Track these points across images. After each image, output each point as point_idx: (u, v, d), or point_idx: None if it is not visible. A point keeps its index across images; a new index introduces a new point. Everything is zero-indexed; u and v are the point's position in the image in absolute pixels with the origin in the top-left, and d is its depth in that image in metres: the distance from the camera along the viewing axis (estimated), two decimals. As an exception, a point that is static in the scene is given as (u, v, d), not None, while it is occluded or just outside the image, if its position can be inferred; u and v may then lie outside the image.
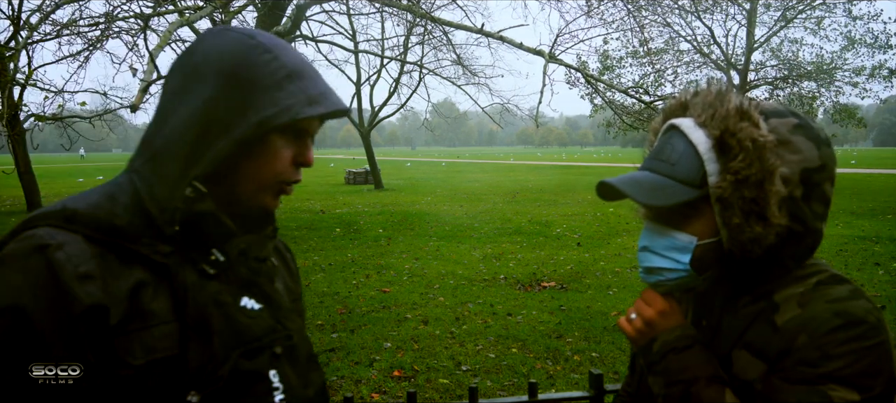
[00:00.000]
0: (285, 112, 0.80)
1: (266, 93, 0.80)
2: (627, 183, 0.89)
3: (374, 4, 9.40)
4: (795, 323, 0.83)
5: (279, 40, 0.86)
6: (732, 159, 0.83)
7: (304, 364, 0.93)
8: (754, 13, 18.56)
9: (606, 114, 18.22)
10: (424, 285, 6.43)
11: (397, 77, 19.30)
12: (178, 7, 5.95)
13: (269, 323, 0.87)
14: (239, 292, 0.85)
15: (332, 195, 18.04)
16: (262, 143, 0.82)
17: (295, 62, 0.84)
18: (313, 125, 0.87)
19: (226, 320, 0.81)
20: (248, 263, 0.87)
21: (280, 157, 0.84)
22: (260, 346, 0.84)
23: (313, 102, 0.83)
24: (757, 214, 0.83)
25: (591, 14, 8.84)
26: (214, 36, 0.84)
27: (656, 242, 0.92)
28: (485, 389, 3.71)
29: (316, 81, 0.85)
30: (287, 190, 0.88)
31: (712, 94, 0.89)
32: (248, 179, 0.84)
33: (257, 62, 0.81)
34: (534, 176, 27.09)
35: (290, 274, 1.05)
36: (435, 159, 54.50)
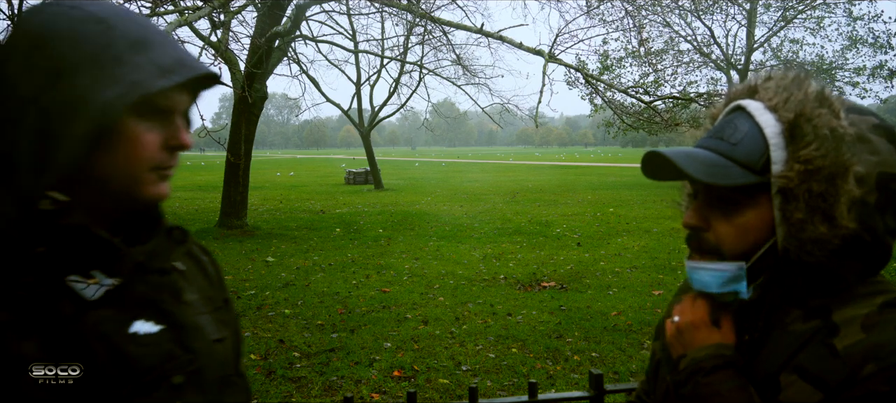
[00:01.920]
0: (133, 88, 0.67)
1: (105, 71, 0.67)
2: (682, 156, 0.78)
3: (374, 4, 9.40)
4: (860, 349, 0.72)
5: (113, 7, 0.73)
6: (804, 147, 0.74)
7: (215, 388, 0.81)
8: (754, 13, 18.58)
9: (606, 115, 18.22)
10: (424, 285, 6.43)
11: (397, 77, 19.31)
12: (177, 7, 5.95)
13: (167, 349, 0.74)
14: (131, 315, 0.72)
15: (332, 195, 18.04)
16: (119, 131, 0.69)
17: (137, 29, 0.70)
18: (177, 101, 0.74)
19: (111, 353, 0.68)
20: (146, 279, 0.75)
21: (143, 143, 0.71)
22: (155, 378, 0.72)
23: (167, 72, 0.69)
24: (823, 212, 0.74)
25: (591, 14, 8.84)
26: (31, 17, 0.70)
27: (708, 282, 0.82)
28: (485, 389, 3.71)
29: (166, 48, 0.72)
30: (167, 173, 0.75)
31: (789, 79, 0.80)
32: (116, 175, 0.71)
33: (89, 35, 0.68)
34: (534, 176, 27.09)
35: (210, 281, 0.91)
36: (434, 159, 54.51)
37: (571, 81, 11.37)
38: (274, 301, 5.76)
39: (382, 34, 21.99)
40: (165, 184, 0.76)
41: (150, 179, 0.73)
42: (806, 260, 0.76)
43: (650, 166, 0.83)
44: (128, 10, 0.75)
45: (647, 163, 0.83)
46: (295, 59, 13.06)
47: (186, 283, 0.84)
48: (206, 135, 7.52)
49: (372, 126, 20.52)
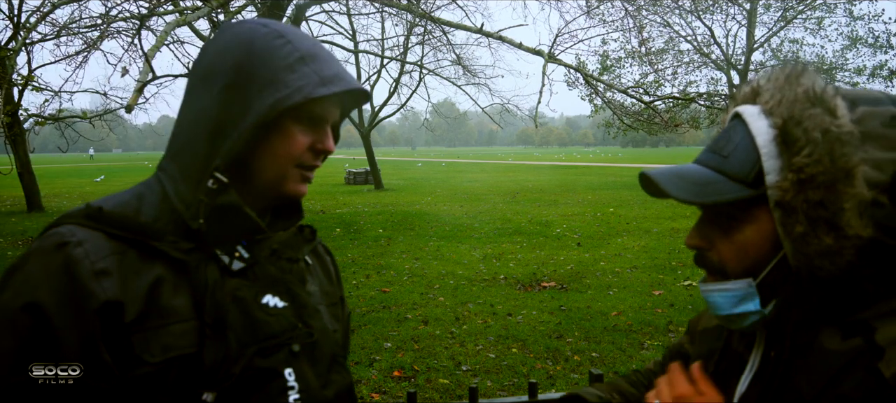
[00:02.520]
0: (297, 92, 0.80)
1: (278, 76, 0.80)
2: (668, 175, 0.74)
3: (374, 4, 9.40)
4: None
5: (292, 27, 0.87)
6: (796, 153, 0.68)
7: (325, 364, 0.90)
8: (754, 13, 18.58)
9: (606, 115, 18.24)
10: (424, 285, 6.43)
11: (397, 77, 19.31)
12: (177, 7, 5.95)
13: (290, 321, 0.85)
14: (262, 289, 0.84)
15: (332, 195, 18.05)
16: (278, 128, 0.82)
17: (308, 45, 0.84)
18: (330, 112, 0.87)
19: (242, 316, 0.80)
20: (278, 262, 0.87)
21: (296, 142, 0.84)
22: (277, 343, 0.82)
23: (326, 83, 0.82)
24: (826, 222, 0.67)
25: (591, 14, 8.84)
26: (229, 28, 0.85)
27: (721, 304, 0.77)
28: (485, 389, 3.71)
29: (329, 63, 0.84)
30: (309, 175, 0.88)
31: (783, 77, 0.74)
32: (267, 166, 0.84)
33: (269, 47, 0.81)
34: (533, 176, 27.09)
35: (330, 279, 1.04)
36: (434, 159, 54.51)
37: (571, 82, 11.36)
38: (274, 301, 5.76)
39: (382, 34, 22.01)
40: (305, 185, 0.88)
41: (294, 176, 0.86)
42: (818, 274, 0.69)
43: (646, 186, 0.79)
44: (300, 30, 0.89)
45: (641, 182, 0.79)
46: (295, 59, 13.03)
47: (310, 275, 0.96)
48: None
49: (372, 126, 20.51)
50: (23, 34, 8.10)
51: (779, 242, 0.72)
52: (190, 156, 0.82)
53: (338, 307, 1.02)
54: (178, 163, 0.83)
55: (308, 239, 0.96)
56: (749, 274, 0.74)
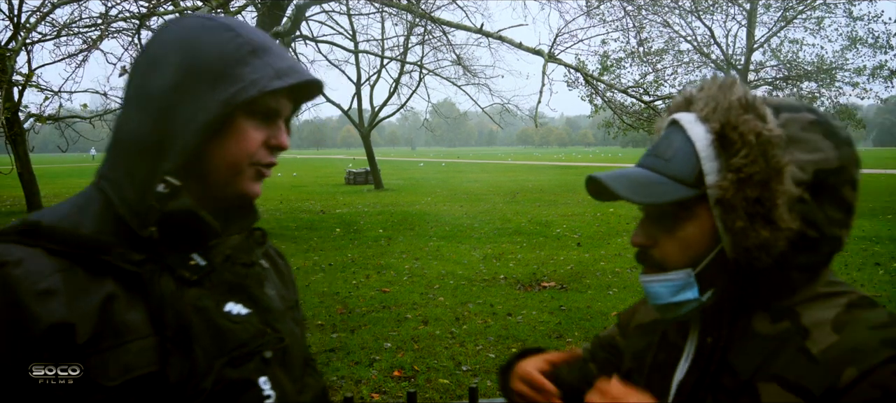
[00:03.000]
0: (251, 85, 0.76)
1: (229, 70, 0.76)
2: (615, 178, 0.81)
3: (374, 4, 9.40)
4: (837, 353, 0.72)
5: (240, 20, 0.82)
6: (734, 155, 0.75)
7: (299, 369, 0.88)
8: (754, 13, 18.57)
9: (606, 115, 18.24)
10: (424, 285, 6.43)
11: (397, 77, 19.32)
12: (177, 7, 5.95)
13: (258, 328, 0.81)
14: (223, 297, 0.80)
15: (332, 195, 18.05)
16: (231, 126, 0.78)
17: (259, 38, 0.80)
18: (283, 106, 0.83)
19: (207, 327, 0.75)
20: (233, 268, 0.83)
21: (250, 139, 0.79)
22: (247, 352, 0.79)
23: (281, 75, 0.78)
24: (763, 217, 0.74)
25: (591, 14, 8.84)
26: (172, 24, 0.80)
27: (662, 294, 0.82)
28: (485, 389, 3.71)
29: (282, 56, 0.80)
30: (265, 173, 0.83)
31: (716, 86, 0.81)
32: (220, 166, 0.79)
33: (218, 41, 0.77)
34: (533, 176, 27.09)
35: (284, 281, 0.98)
36: (434, 159, 54.50)
37: (571, 82, 11.36)
38: (274, 301, 5.76)
39: (382, 34, 22.03)
40: (259, 184, 0.83)
41: (250, 174, 0.81)
42: (755, 265, 0.76)
43: (592, 189, 0.84)
44: (249, 24, 0.85)
45: (588, 186, 0.84)
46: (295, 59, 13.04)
47: (266, 279, 0.91)
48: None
49: (372, 126, 20.51)
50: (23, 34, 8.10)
51: (717, 236, 0.78)
52: (136, 159, 0.76)
53: (295, 310, 0.97)
54: (122, 168, 0.77)
55: (259, 241, 0.91)
56: (689, 266, 0.80)
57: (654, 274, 0.83)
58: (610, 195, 0.84)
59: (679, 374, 0.86)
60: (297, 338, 0.90)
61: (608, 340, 1.10)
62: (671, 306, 0.82)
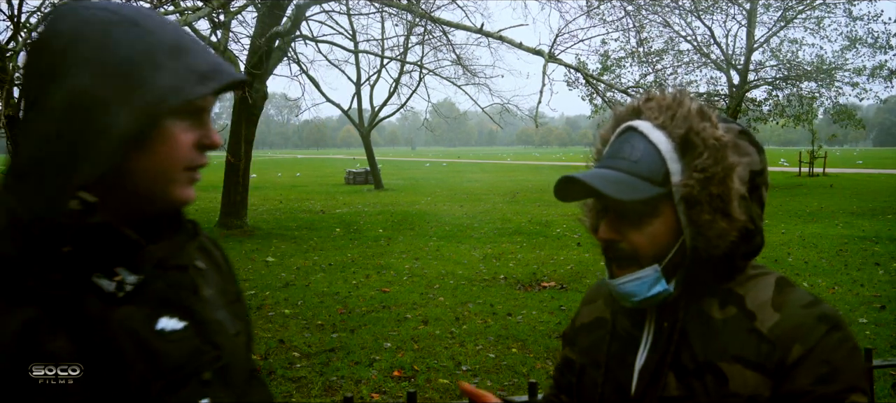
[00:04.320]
0: (175, 94, 0.69)
1: (146, 75, 0.68)
2: (592, 177, 0.87)
3: (374, 4, 9.41)
4: (783, 330, 0.84)
5: (146, 11, 0.74)
6: (697, 157, 0.85)
7: (241, 384, 0.82)
8: (754, 13, 18.57)
9: (607, 115, 18.20)
10: (424, 285, 6.43)
11: (397, 77, 19.31)
12: (178, 7, 5.95)
13: (194, 345, 0.75)
14: (155, 313, 0.73)
15: (332, 195, 18.05)
16: (155, 132, 0.70)
17: (173, 35, 0.72)
18: (208, 101, 0.76)
19: (139, 350, 0.69)
20: (166, 275, 0.75)
21: (180, 143, 0.72)
22: (185, 374, 0.73)
23: (206, 78, 0.71)
24: (722, 210, 0.85)
25: (591, 14, 8.85)
26: (66, 17, 0.69)
27: (637, 291, 0.89)
28: (485, 389, 3.71)
29: (202, 54, 0.73)
30: (196, 177, 0.77)
31: (668, 99, 0.91)
32: (147, 176, 0.72)
33: (125, 40, 0.68)
34: (533, 176, 27.10)
35: (223, 274, 0.91)
36: (434, 159, 54.48)
37: (571, 82, 11.37)
38: (274, 301, 5.76)
39: (382, 34, 22.00)
40: (192, 188, 0.77)
41: (183, 179, 0.75)
42: (713, 253, 0.87)
43: (562, 190, 0.92)
44: (158, 14, 0.76)
45: (560, 187, 0.91)
46: (295, 59, 13.07)
47: (202, 279, 0.84)
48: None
49: (372, 126, 20.51)
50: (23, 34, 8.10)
51: (679, 230, 0.88)
52: (45, 173, 0.67)
53: (237, 304, 0.90)
54: (30, 182, 0.68)
55: (191, 235, 0.82)
56: (657, 259, 0.88)
57: (624, 275, 0.91)
58: (577, 195, 0.94)
59: (639, 360, 0.93)
60: (240, 350, 0.84)
61: (563, 363, 1.15)
62: (646, 300, 0.90)
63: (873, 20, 18.49)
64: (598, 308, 1.08)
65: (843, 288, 6.01)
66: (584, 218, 1.05)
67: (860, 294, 5.76)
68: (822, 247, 8.30)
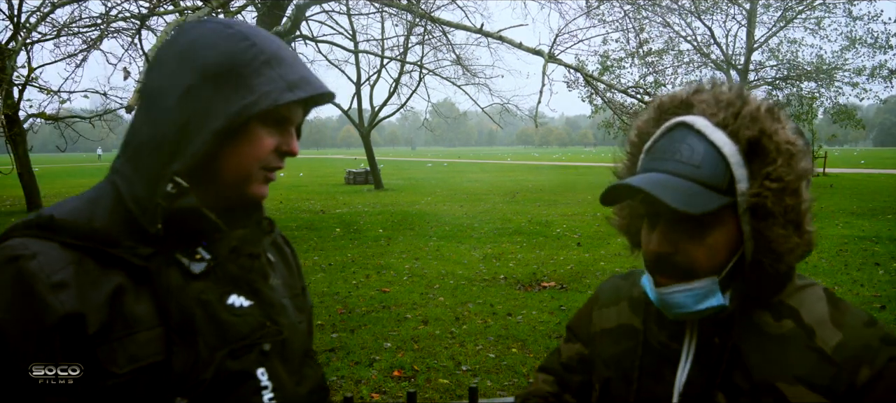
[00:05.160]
0: (264, 98, 0.78)
1: (244, 80, 0.78)
2: (654, 186, 0.77)
3: (374, 4, 9.40)
4: (848, 351, 0.77)
5: (256, 27, 0.85)
6: (769, 164, 0.76)
7: (297, 360, 0.90)
8: (754, 13, 18.58)
9: (606, 115, 18.23)
10: (424, 285, 6.43)
11: (397, 77, 19.30)
12: (177, 7, 5.95)
13: (258, 320, 0.84)
14: (226, 290, 0.82)
15: (332, 195, 18.04)
16: (244, 132, 0.81)
17: (273, 48, 0.82)
18: (295, 114, 0.86)
19: (210, 320, 0.78)
20: (239, 260, 0.85)
21: (261, 145, 0.83)
22: (247, 344, 0.81)
23: (293, 87, 0.81)
24: (795, 224, 0.77)
25: (591, 14, 8.84)
26: (191, 29, 0.82)
27: (685, 303, 0.81)
28: (485, 389, 3.71)
29: (295, 66, 0.83)
30: (272, 176, 0.87)
31: (727, 93, 0.81)
32: (230, 169, 0.82)
33: (234, 50, 0.79)
34: (533, 176, 27.09)
35: (290, 270, 1.02)
36: (438, 159, 54.49)
37: (571, 83, 11.35)
38: (274, 301, 5.76)
39: (382, 34, 22.03)
40: (267, 186, 0.87)
41: (258, 177, 0.84)
42: (781, 268, 0.79)
43: (613, 195, 0.82)
44: (266, 31, 0.86)
45: (612, 193, 0.81)
46: (295, 59, 13.02)
47: (272, 269, 0.93)
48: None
49: (372, 126, 20.50)
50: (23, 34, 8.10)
51: (739, 241, 0.80)
52: (148, 158, 0.79)
53: (300, 298, 1.00)
54: (134, 165, 0.80)
55: (267, 230, 0.93)
56: (714, 272, 0.80)
57: (675, 284, 0.81)
58: (624, 200, 0.86)
59: (681, 376, 0.84)
60: (297, 331, 0.92)
61: (575, 359, 1.05)
62: (694, 313, 0.81)
63: (873, 20, 18.51)
64: (623, 313, 0.98)
65: (843, 288, 6.01)
66: (614, 218, 0.96)
67: (860, 294, 5.76)
68: (822, 247, 8.30)
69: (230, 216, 0.86)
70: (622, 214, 0.94)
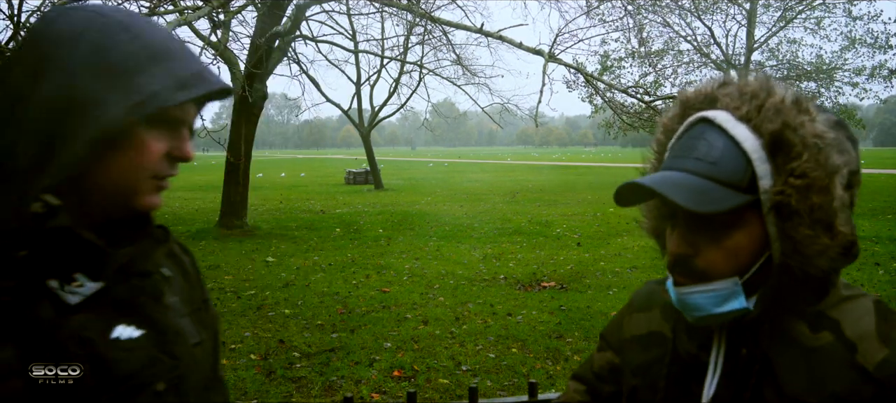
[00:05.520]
0: (151, 99, 0.67)
1: (125, 79, 0.67)
2: (664, 184, 0.72)
3: (374, 4, 9.41)
4: (893, 371, 0.70)
5: (139, 17, 0.74)
6: (794, 159, 0.70)
7: (198, 394, 0.80)
8: (754, 13, 18.59)
9: (606, 115, 18.24)
10: (424, 285, 6.43)
11: (397, 77, 19.31)
12: (177, 7, 5.95)
13: (150, 354, 0.73)
14: (112, 320, 0.71)
15: (332, 195, 18.04)
16: (126, 138, 0.69)
17: (160, 40, 0.71)
18: (187, 113, 0.74)
19: (92, 360, 0.67)
20: (128, 282, 0.73)
21: (150, 151, 0.71)
22: (137, 384, 0.70)
23: (185, 86, 0.70)
24: (824, 224, 0.70)
25: (591, 14, 8.85)
26: (56, 19, 0.70)
27: (704, 305, 0.76)
28: (485, 389, 3.71)
29: (186, 61, 0.72)
30: (164, 185, 0.75)
31: (752, 84, 0.76)
32: (113, 179, 0.70)
33: (112, 43, 0.68)
34: (533, 176, 27.09)
35: (190, 281, 0.89)
36: (439, 159, 54.49)
37: (571, 83, 11.36)
38: (274, 301, 5.76)
39: (382, 34, 22.00)
40: (159, 196, 0.75)
41: (148, 187, 0.73)
42: (811, 272, 0.72)
43: (625, 195, 0.78)
44: (150, 20, 0.76)
45: (623, 193, 0.77)
46: (295, 59, 13.05)
47: (167, 286, 0.81)
48: (206, 135, 7.51)
49: (372, 126, 20.50)
50: (23, 34, 8.08)
51: (765, 243, 0.74)
52: (14, 174, 0.66)
53: (202, 312, 0.88)
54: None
55: (161, 240, 0.80)
56: (735, 274, 0.75)
57: (694, 284, 0.76)
58: (638, 199, 0.81)
59: (709, 389, 0.79)
60: (196, 360, 0.81)
61: (606, 368, 1.01)
62: (713, 317, 0.76)
63: (873, 20, 18.53)
64: (655, 320, 0.93)
65: (843, 288, 6.01)
66: (643, 220, 0.90)
67: (860, 294, 5.76)
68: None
69: (116, 231, 0.75)
70: (650, 216, 0.88)
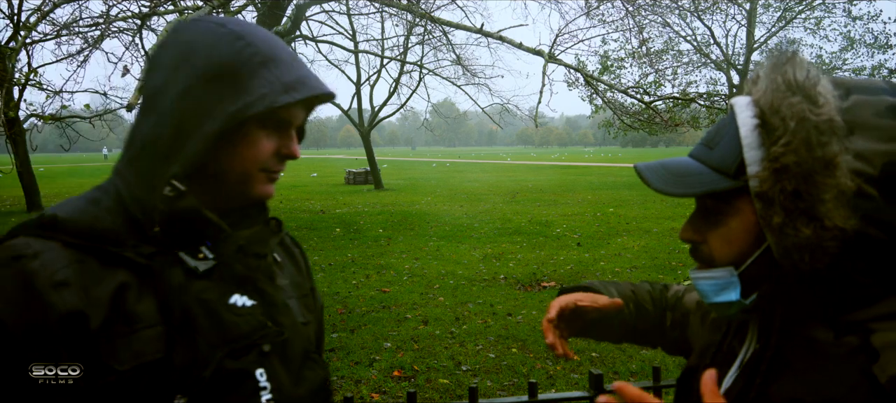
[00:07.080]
0: (260, 100, 0.78)
1: (239, 82, 0.78)
2: (653, 167, 0.76)
3: (374, 4, 9.41)
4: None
5: (252, 26, 0.84)
6: (774, 143, 0.66)
7: (298, 361, 0.90)
8: (754, 13, 18.59)
9: (606, 115, 18.25)
10: (424, 285, 6.43)
11: (397, 77, 19.30)
12: (178, 6, 5.95)
13: (259, 320, 0.84)
14: (229, 289, 0.83)
15: (332, 195, 18.04)
16: (241, 134, 0.80)
17: (269, 48, 0.81)
18: (295, 116, 0.85)
19: (210, 319, 0.79)
20: (245, 260, 0.85)
21: (260, 148, 0.82)
22: (247, 344, 0.82)
23: (289, 89, 0.80)
24: (804, 213, 0.65)
25: (591, 14, 8.84)
26: (186, 28, 0.82)
27: (706, 291, 0.76)
28: (485, 389, 3.71)
29: (292, 67, 0.82)
30: (275, 177, 0.87)
31: (770, 66, 0.72)
32: (231, 170, 0.82)
33: (229, 51, 0.78)
34: (533, 176, 27.09)
35: (299, 270, 1.02)
36: (440, 159, 54.47)
37: (571, 83, 11.36)
38: (274, 301, 5.76)
39: (382, 34, 22.06)
40: (271, 186, 0.87)
41: (260, 179, 0.85)
42: (800, 267, 0.67)
43: (643, 179, 0.79)
44: (263, 29, 0.86)
45: (640, 177, 0.80)
46: (295, 59, 13.04)
47: (279, 269, 0.94)
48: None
49: (372, 126, 20.50)
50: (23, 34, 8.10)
51: (762, 234, 0.70)
52: (147, 161, 0.79)
53: (309, 298, 1.01)
54: (134, 167, 0.81)
55: (274, 231, 0.93)
56: (733, 264, 0.73)
57: (701, 270, 0.77)
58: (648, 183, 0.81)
59: (727, 382, 0.79)
60: (300, 332, 0.92)
61: (680, 317, 1.08)
62: (717, 306, 0.76)
63: (872, 20, 18.53)
64: None
65: (843, 288, 6.01)
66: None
67: (860, 294, 5.76)
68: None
69: (236, 216, 0.87)
70: None
